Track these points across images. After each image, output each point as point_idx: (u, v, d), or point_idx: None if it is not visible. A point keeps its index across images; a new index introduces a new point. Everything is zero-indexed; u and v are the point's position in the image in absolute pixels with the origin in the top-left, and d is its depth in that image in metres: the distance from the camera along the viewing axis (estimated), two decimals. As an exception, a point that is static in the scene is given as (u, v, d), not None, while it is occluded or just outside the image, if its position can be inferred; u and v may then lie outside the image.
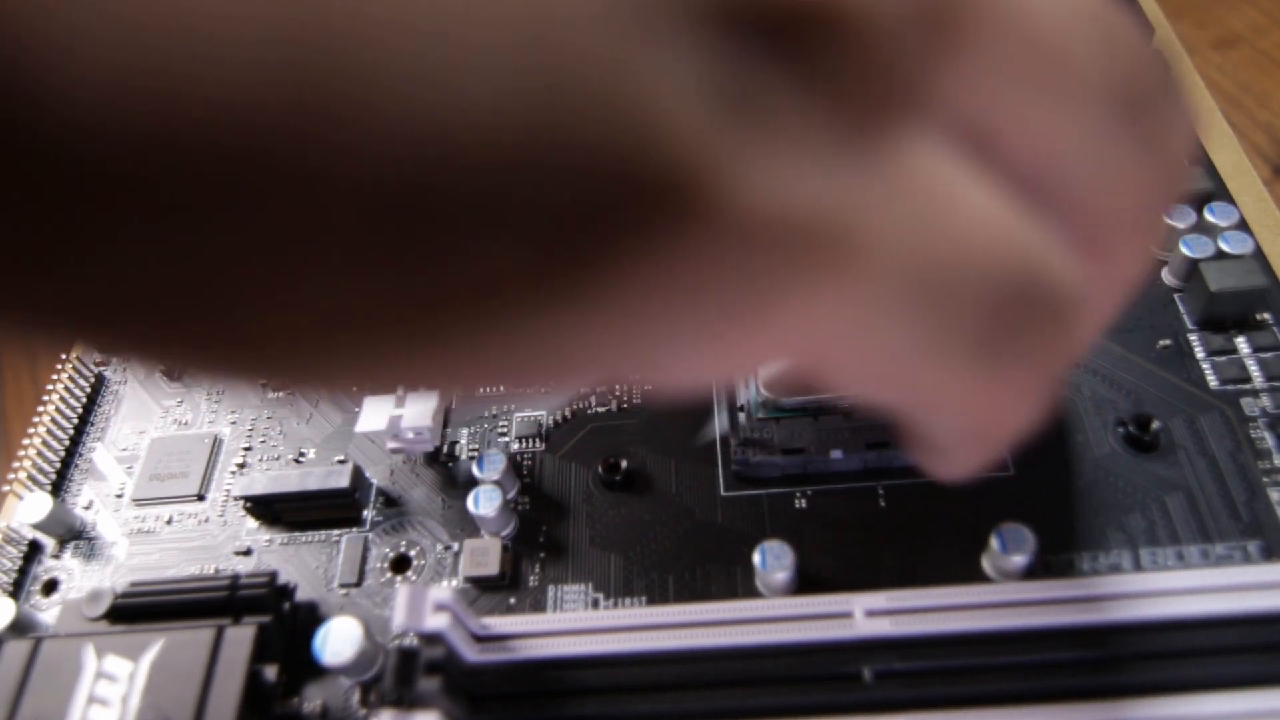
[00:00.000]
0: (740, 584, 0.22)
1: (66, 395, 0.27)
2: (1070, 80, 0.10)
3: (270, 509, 0.24)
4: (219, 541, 0.24)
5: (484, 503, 0.22)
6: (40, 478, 0.26)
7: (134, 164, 0.07)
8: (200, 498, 0.25)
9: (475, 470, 0.23)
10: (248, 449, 0.26)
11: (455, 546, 0.23)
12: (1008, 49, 0.09)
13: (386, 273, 0.08)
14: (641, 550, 0.23)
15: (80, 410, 0.27)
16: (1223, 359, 0.24)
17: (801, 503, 0.23)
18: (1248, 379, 0.24)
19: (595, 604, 0.22)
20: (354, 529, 0.24)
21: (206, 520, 0.25)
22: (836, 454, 0.22)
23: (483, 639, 0.18)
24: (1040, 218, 0.10)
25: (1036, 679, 0.17)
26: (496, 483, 0.23)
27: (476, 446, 0.25)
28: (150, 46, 0.07)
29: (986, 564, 0.21)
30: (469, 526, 0.24)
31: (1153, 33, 0.31)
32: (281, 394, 0.27)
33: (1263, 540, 0.21)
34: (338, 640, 0.20)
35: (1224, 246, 0.25)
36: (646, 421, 0.25)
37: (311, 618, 0.22)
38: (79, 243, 0.07)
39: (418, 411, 0.24)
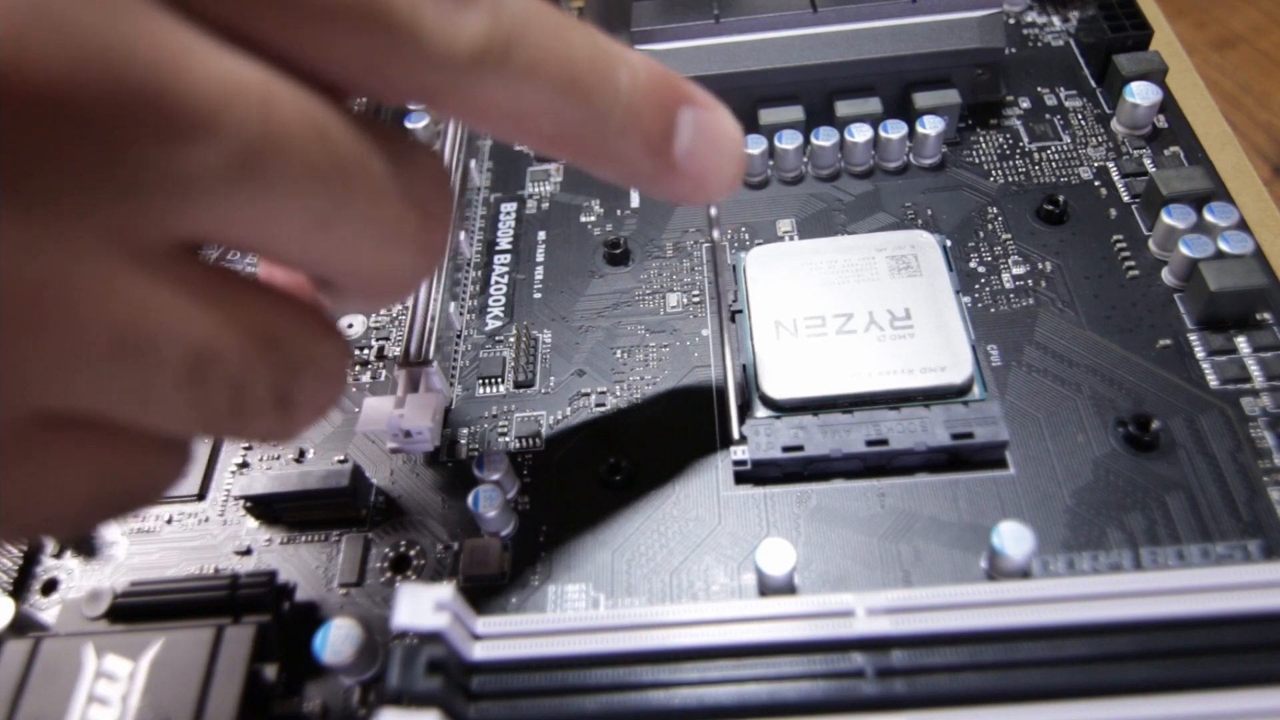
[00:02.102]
0: (741, 584, 0.22)
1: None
2: (259, 206, 0.13)
3: (270, 509, 0.24)
4: (219, 541, 0.24)
5: (484, 503, 0.22)
6: (40, 478, 0.26)
7: None
8: (200, 497, 0.25)
9: (475, 470, 0.23)
10: (248, 448, 0.26)
11: (455, 546, 0.23)
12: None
13: None
14: (642, 550, 0.23)
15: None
16: (1223, 359, 0.24)
17: (802, 501, 0.23)
18: (1248, 379, 0.24)
19: (595, 604, 0.22)
20: (354, 529, 0.24)
21: (206, 520, 0.25)
22: (837, 453, 0.22)
23: (483, 638, 0.18)
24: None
25: (1037, 678, 0.17)
26: (496, 483, 0.23)
27: (476, 446, 0.25)
28: None
29: (986, 564, 0.21)
30: (469, 526, 0.24)
31: (1152, 33, 0.31)
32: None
33: (1263, 540, 0.21)
34: (338, 640, 0.20)
35: (1224, 246, 0.25)
36: (646, 421, 0.25)
37: (311, 617, 0.22)
38: None
39: (418, 411, 0.24)
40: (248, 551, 0.24)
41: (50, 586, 0.24)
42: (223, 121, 0.12)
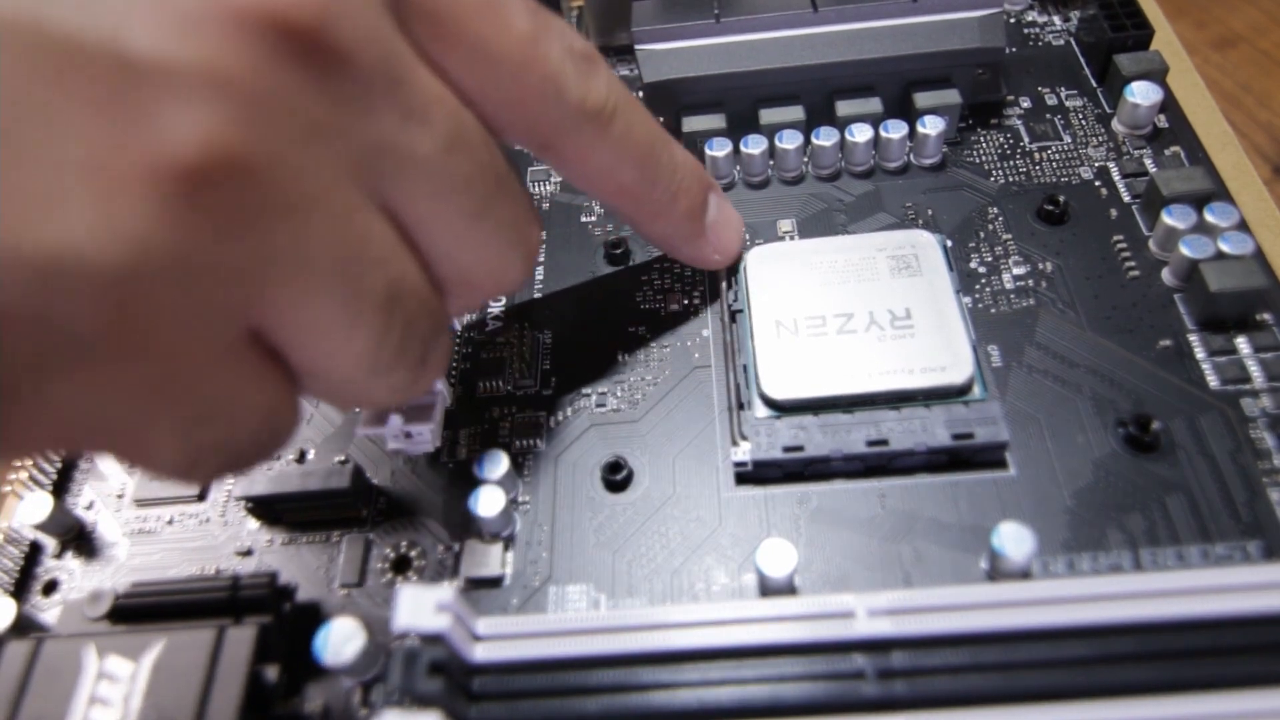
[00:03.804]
0: (741, 585, 0.22)
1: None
2: (447, 191, 0.17)
3: (271, 509, 0.24)
4: (220, 542, 0.24)
5: (485, 503, 0.22)
6: (41, 478, 0.26)
7: None
8: (201, 498, 0.25)
9: (476, 471, 0.23)
10: (248, 449, 0.26)
11: (456, 547, 0.23)
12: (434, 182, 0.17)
13: None
14: (642, 550, 0.23)
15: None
16: (1223, 359, 0.24)
17: (802, 502, 0.23)
18: (1248, 379, 0.24)
19: (596, 604, 0.22)
20: (355, 529, 0.24)
21: (207, 520, 0.25)
22: (837, 453, 0.22)
23: (484, 639, 0.18)
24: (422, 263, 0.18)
25: (1037, 679, 0.17)
26: (497, 483, 0.23)
27: (477, 447, 0.25)
28: None
29: (986, 565, 0.21)
30: (469, 527, 0.24)
31: (1152, 32, 0.31)
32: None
33: (1263, 540, 0.21)
34: (339, 640, 0.20)
35: (1224, 247, 0.25)
36: (647, 421, 0.25)
37: (313, 618, 0.22)
38: None
39: (418, 412, 0.24)
40: (249, 552, 0.24)
41: (51, 587, 0.24)
42: (434, 115, 0.16)
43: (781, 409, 0.24)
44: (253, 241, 0.14)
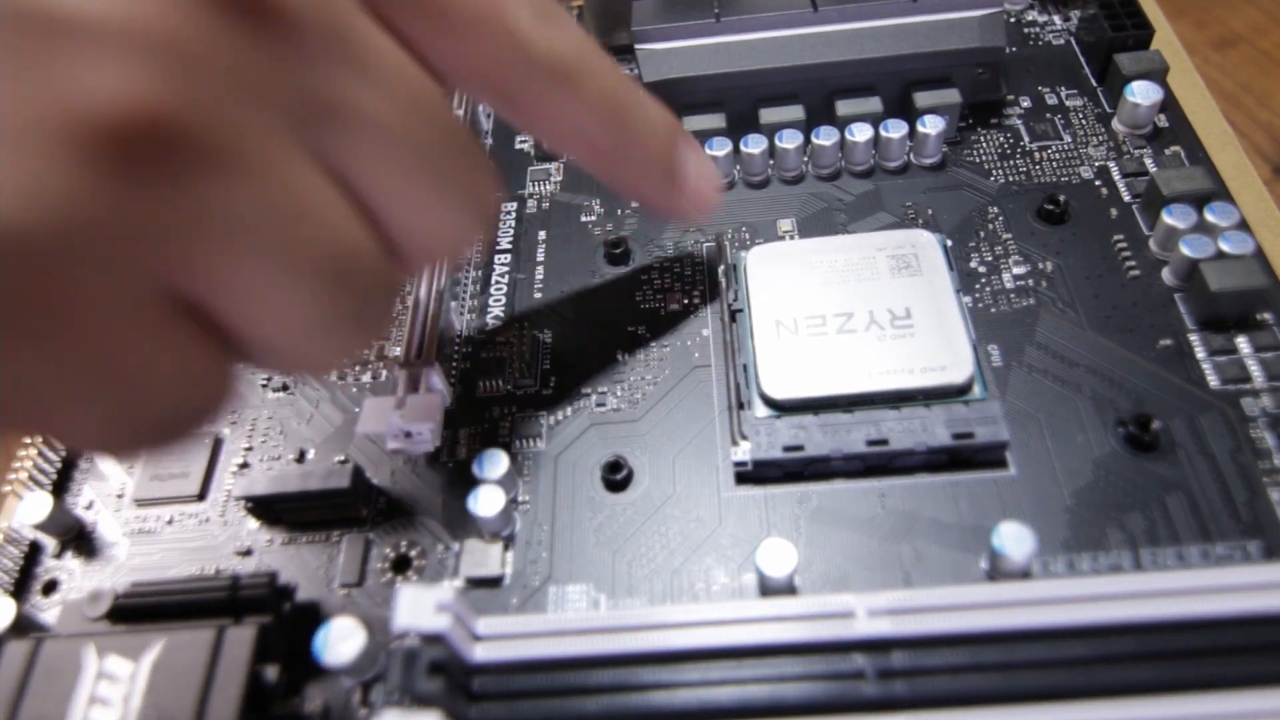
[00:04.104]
0: (741, 585, 0.22)
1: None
2: (402, 156, 0.16)
3: (271, 509, 0.24)
4: (220, 542, 0.24)
5: (484, 503, 0.22)
6: (41, 478, 0.26)
7: None
8: (201, 498, 0.25)
9: (476, 471, 0.23)
10: (248, 449, 0.26)
11: (455, 546, 0.23)
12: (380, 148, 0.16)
13: None
14: (642, 550, 0.23)
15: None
16: (1223, 359, 0.24)
17: (802, 502, 0.23)
18: (1248, 379, 0.24)
19: (596, 604, 0.22)
20: (355, 529, 0.24)
21: (207, 520, 0.25)
22: (837, 453, 0.22)
23: (484, 639, 0.18)
24: (369, 227, 0.17)
25: (1037, 678, 0.17)
26: (497, 483, 0.23)
27: (477, 447, 0.25)
28: None
29: (987, 564, 0.21)
30: (469, 527, 0.24)
31: (1153, 32, 0.31)
32: (282, 393, 0.27)
33: (1263, 540, 0.21)
34: (338, 640, 0.20)
35: (1224, 247, 0.25)
36: (647, 421, 0.25)
37: (312, 618, 0.22)
38: None
39: (418, 412, 0.24)
40: (248, 552, 0.24)
41: (51, 587, 0.24)
42: (382, 73, 0.16)
43: (781, 408, 0.24)
44: (177, 204, 0.13)
